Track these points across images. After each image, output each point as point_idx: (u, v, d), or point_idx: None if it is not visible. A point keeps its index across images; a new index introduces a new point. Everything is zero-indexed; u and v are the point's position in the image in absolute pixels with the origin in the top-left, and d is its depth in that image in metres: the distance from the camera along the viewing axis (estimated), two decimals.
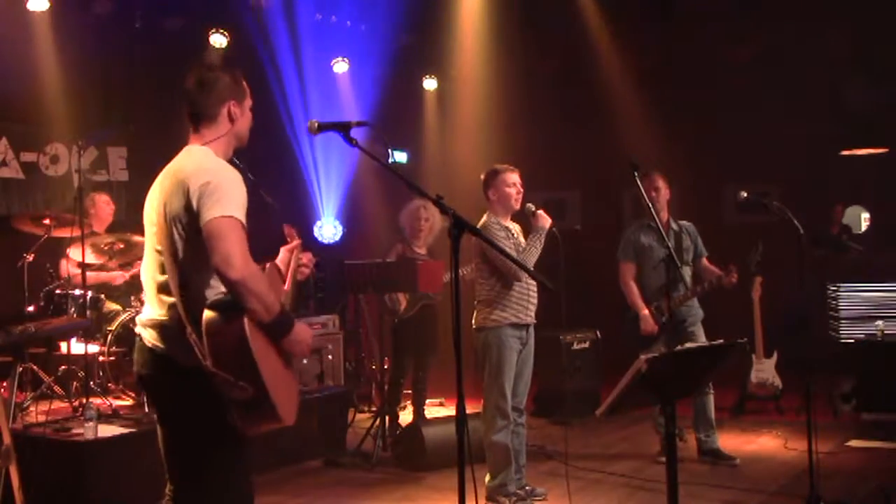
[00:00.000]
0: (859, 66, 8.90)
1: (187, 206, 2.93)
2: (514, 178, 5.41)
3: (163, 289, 3.04)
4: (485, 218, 5.42)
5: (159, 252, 3.05)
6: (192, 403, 3.00)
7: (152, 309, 3.09)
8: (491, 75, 9.90)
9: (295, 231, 3.51)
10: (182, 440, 3.09)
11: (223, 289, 2.93)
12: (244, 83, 3.25)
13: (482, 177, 5.51)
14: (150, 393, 3.29)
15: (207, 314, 2.88)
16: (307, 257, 3.48)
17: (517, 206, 5.42)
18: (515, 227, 5.52)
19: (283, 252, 3.39)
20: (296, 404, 3.14)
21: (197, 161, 3.05)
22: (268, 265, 3.21)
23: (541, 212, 5.38)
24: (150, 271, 3.11)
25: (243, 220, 2.93)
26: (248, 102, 3.26)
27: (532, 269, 5.17)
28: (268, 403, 2.87)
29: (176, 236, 2.98)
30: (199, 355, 2.88)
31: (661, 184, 6.34)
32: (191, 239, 2.95)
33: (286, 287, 3.33)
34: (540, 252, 5.32)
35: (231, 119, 3.17)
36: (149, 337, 3.07)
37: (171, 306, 3.01)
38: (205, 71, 3.20)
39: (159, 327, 3.04)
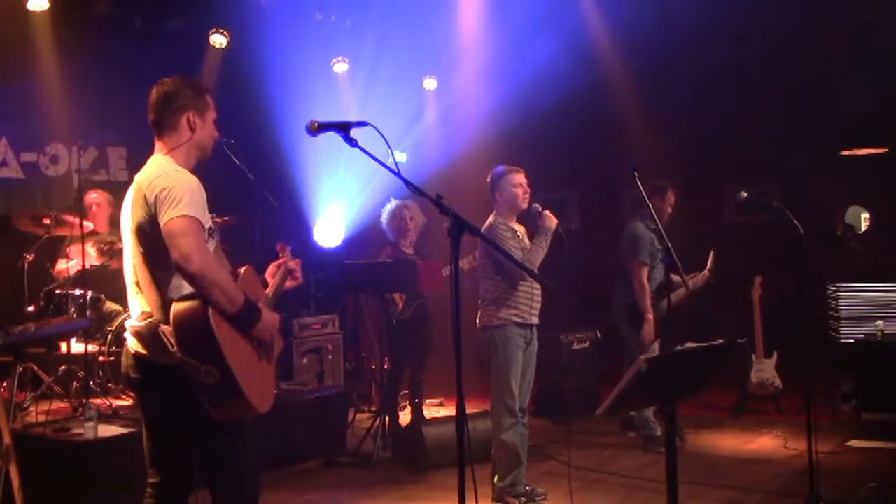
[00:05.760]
0: (859, 66, 8.89)
1: (148, 213, 3.14)
2: (520, 178, 5.42)
3: (138, 292, 3.26)
4: (491, 218, 5.42)
5: (132, 257, 3.26)
6: (178, 399, 3.16)
7: (132, 314, 3.30)
8: (491, 75, 9.89)
9: (288, 250, 3.78)
10: (173, 435, 3.28)
11: (187, 287, 3.11)
12: (208, 98, 3.43)
13: (488, 177, 5.51)
14: (138, 394, 3.46)
15: (175, 306, 3.08)
16: (296, 263, 3.74)
17: (524, 206, 5.42)
18: (521, 229, 5.53)
19: (271, 266, 3.68)
20: (271, 394, 3.35)
21: (156, 170, 3.24)
22: (243, 269, 3.41)
23: (547, 212, 5.39)
24: (129, 277, 3.31)
25: (202, 219, 3.12)
26: (211, 115, 3.44)
27: (536, 269, 5.18)
28: (235, 388, 3.05)
29: (143, 242, 3.19)
30: (169, 345, 3.08)
31: (674, 200, 6.60)
32: (156, 244, 3.13)
33: (268, 291, 3.59)
34: (546, 252, 5.34)
35: (191, 128, 3.36)
36: (131, 344, 3.27)
37: (145, 312, 3.22)
38: (167, 83, 3.39)
39: (137, 335, 3.24)
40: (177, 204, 3.07)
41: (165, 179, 3.15)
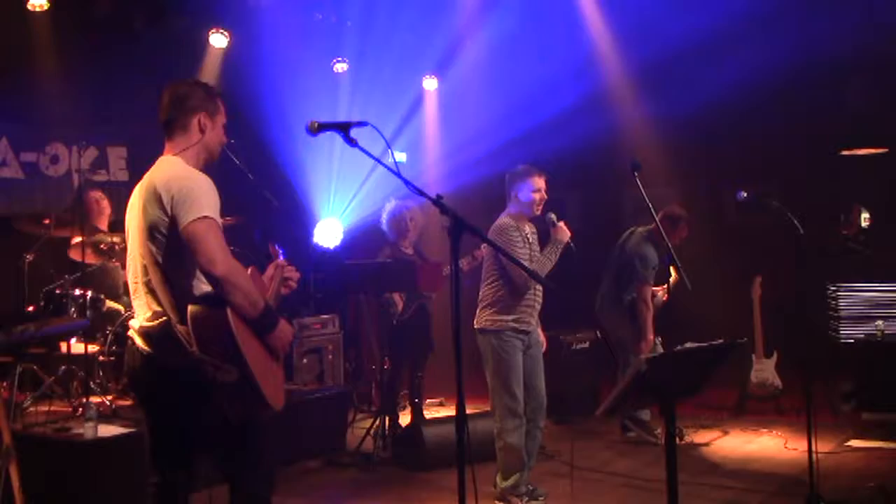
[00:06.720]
0: (860, 66, 8.89)
1: (164, 213, 3.13)
2: (541, 183, 5.31)
3: (147, 292, 3.23)
4: (504, 220, 5.33)
5: (142, 256, 3.23)
6: (185, 400, 3.17)
7: (139, 314, 3.27)
8: (491, 75, 9.88)
9: (281, 251, 3.78)
10: (178, 435, 3.28)
11: (205, 287, 3.13)
12: (219, 101, 3.45)
13: (508, 175, 5.39)
14: (143, 394, 3.43)
15: (193, 307, 3.08)
16: (292, 271, 3.74)
17: (538, 212, 5.34)
18: (531, 231, 5.45)
19: (269, 268, 3.68)
20: (282, 393, 3.36)
21: (169, 171, 3.24)
22: (249, 270, 3.40)
23: (561, 224, 5.32)
24: (135, 277, 3.28)
25: (218, 219, 3.12)
26: (221, 119, 3.45)
27: (542, 276, 5.13)
28: (253, 386, 3.07)
29: (156, 242, 3.17)
30: (186, 344, 3.08)
31: (685, 235, 6.71)
32: (171, 244, 3.14)
33: (269, 294, 3.58)
34: (554, 263, 5.27)
35: (201, 130, 3.37)
36: (139, 343, 3.25)
37: (156, 311, 3.20)
38: (180, 84, 3.42)
39: (146, 335, 3.22)
40: (194, 205, 3.07)
41: (182, 180, 3.15)
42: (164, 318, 3.17)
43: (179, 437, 3.28)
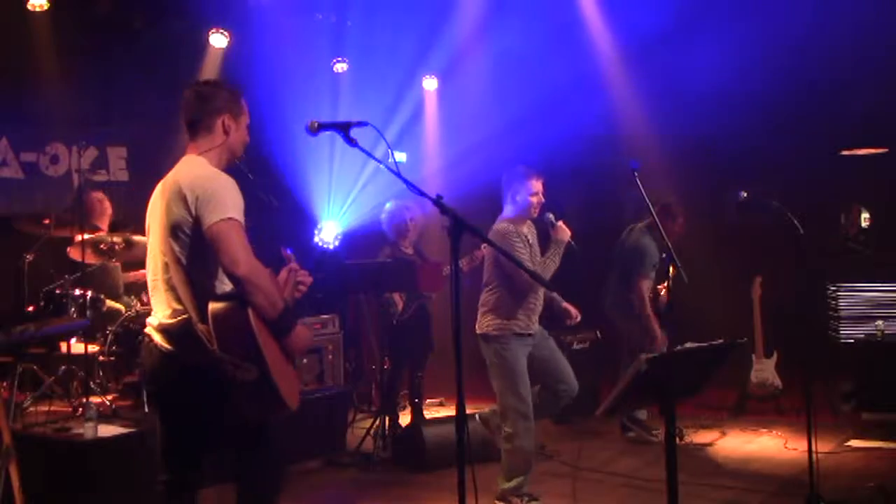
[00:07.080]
0: (860, 66, 8.88)
1: (187, 213, 3.15)
2: (539, 186, 5.24)
3: (167, 290, 3.24)
4: (503, 225, 5.25)
5: (164, 254, 3.24)
6: (198, 397, 3.19)
7: (159, 312, 3.28)
8: (492, 76, 9.88)
9: (293, 256, 3.79)
10: (192, 434, 3.30)
11: (226, 287, 3.16)
12: (242, 102, 3.45)
13: (504, 175, 5.32)
14: (160, 391, 3.41)
15: (214, 305, 3.08)
16: (304, 275, 3.73)
17: (535, 215, 5.29)
18: (531, 232, 5.41)
19: (282, 272, 3.66)
20: (297, 394, 3.36)
21: (193, 171, 3.25)
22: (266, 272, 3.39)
23: (560, 224, 5.27)
24: (155, 274, 3.30)
25: (242, 220, 3.13)
26: (245, 120, 3.47)
27: (546, 279, 5.10)
28: (271, 386, 3.07)
29: (179, 242, 3.19)
30: (206, 342, 3.09)
31: (683, 222, 6.76)
32: (194, 243, 3.16)
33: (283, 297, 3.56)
34: (558, 265, 5.22)
35: (225, 131, 3.38)
36: (158, 340, 3.26)
37: (176, 309, 3.21)
38: (205, 85, 3.45)
39: (165, 332, 3.24)
40: (218, 206, 3.09)
41: (207, 181, 3.18)
42: (185, 315, 3.19)
43: (193, 435, 3.29)
